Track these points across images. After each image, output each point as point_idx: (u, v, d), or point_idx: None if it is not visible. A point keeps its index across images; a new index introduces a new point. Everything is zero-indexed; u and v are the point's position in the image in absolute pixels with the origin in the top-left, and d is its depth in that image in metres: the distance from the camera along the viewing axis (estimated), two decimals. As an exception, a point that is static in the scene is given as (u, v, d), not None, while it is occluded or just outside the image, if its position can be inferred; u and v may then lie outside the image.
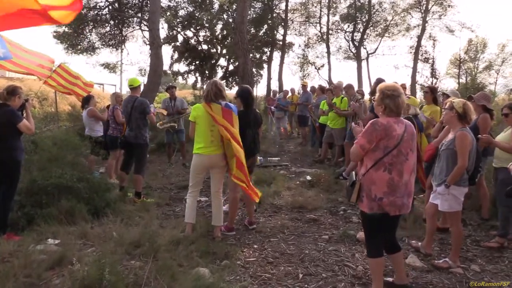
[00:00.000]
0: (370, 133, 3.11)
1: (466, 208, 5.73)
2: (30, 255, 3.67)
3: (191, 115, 4.72)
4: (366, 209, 3.20)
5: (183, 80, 24.65)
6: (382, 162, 3.10)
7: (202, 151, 4.63)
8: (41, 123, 11.95)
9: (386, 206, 3.12)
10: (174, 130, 9.13)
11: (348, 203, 6.24)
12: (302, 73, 28.81)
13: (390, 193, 3.11)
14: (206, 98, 4.61)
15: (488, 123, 5.13)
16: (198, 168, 4.73)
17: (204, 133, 4.60)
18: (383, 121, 3.14)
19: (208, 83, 4.80)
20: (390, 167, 3.10)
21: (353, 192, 3.24)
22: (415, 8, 26.08)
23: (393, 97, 3.14)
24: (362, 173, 3.20)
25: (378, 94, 3.24)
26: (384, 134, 3.08)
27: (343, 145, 8.60)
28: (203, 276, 3.44)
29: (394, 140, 3.09)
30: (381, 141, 3.09)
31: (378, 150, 3.11)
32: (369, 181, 3.15)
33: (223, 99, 4.63)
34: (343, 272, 3.90)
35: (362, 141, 3.15)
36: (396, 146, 3.09)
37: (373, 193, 3.13)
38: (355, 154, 3.25)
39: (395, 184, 3.11)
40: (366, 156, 3.19)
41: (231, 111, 4.53)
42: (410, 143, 3.19)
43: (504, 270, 4.03)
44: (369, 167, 3.15)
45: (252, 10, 23.58)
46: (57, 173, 5.33)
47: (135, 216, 5.30)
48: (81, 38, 19.95)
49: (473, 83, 21.01)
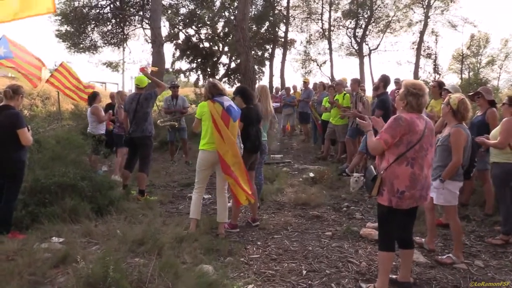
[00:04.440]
0: (394, 128, 3.17)
1: (469, 203, 5.74)
2: (34, 253, 3.69)
3: (197, 112, 4.81)
4: (386, 203, 3.23)
5: (185, 78, 24.59)
6: (405, 156, 3.16)
7: (206, 147, 4.68)
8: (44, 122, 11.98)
9: (407, 199, 3.18)
10: (174, 129, 9.14)
11: (351, 199, 6.26)
12: (304, 70, 28.71)
13: (411, 187, 3.17)
14: (206, 97, 4.76)
15: (496, 117, 5.16)
16: (203, 164, 4.77)
17: (209, 130, 4.64)
18: (406, 116, 3.20)
19: (205, 85, 4.96)
20: (413, 161, 3.16)
21: (374, 186, 3.27)
22: (417, 4, 25.85)
23: (417, 96, 3.23)
24: (384, 167, 3.24)
25: (403, 90, 3.32)
26: (408, 130, 3.14)
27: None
28: (206, 273, 3.44)
29: (417, 135, 3.16)
30: (404, 136, 3.15)
31: (401, 145, 3.17)
32: (392, 175, 3.19)
33: (221, 92, 4.73)
34: (347, 268, 3.91)
35: (386, 136, 3.19)
36: (419, 141, 3.16)
37: (396, 187, 3.18)
38: (376, 148, 3.28)
39: (416, 178, 3.18)
40: (388, 151, 3.24)
41: (228, 117, 4.54)
42: (430, 138, 3.28)
43: (508, 266, 4.03)
44: (391, 161, 3.20)
45: (254, 7, 23.47)
46: (60, 171, 5.35)
47: (138, 214, 5.32)
48: (83, 36, 19.94)
49: (476, 78, 20.88)
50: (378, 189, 3.25)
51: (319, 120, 10.32)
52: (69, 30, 19.29)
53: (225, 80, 23.31)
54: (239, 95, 5.05)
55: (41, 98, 17.00)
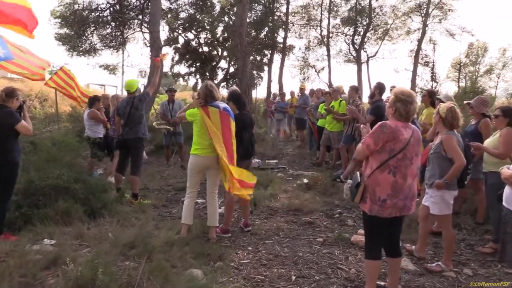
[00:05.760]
0: (378, 134, 3.19)
1: (461, 212, 5.77)
2: (26, 255, 3.69)
3: (189, 112, 4.78)
4: (367, 210, 3.25)
5: (184, 82, 24.71)
6: (387, 164, 3.17)
7: (198, 152, 4.70)
8: (41, 124, 12.02)
9: (388, 208, 3.18)
10: (170, 133, 9.16)
11: (344, 206, 6.29)
12: (302, 76, 28.82)
13: (393, 195, 3.17)
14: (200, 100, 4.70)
15: (489, 127, 5.18)
16: (194, 168, 4.78)
17: (202, 135, 4.67)
18: (391, 124, 3.21)
19: (200, 87, 4.86)
20: (395, 169, 3.17)
21: (357, 193, 3.29)
22: (415, 12, 26.07)
23: (405, 103, 3.23)
24: (367, 174, 3.26)
25: (392, 97, 3.34)
26: (392, 137, 3.16)
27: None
28: (196, 278, 3.47)
29: (400, 143, 3.16)
30: (387, 143, 3.16)
31: (384, 152, 3.18)
32: (374, 182, 3.21)
33: (215, 99, 4.68)
34: (336, 274, 3.93)
35: (369, 141, 3.22)
36: (402, 150, 3.16)
37: (377, 195, 3.19)
38: (359, 152, 3.34)
39: (398, 187, 3.18)
40: (372, 157, 3.26)
41: (228, 116, 4.58)
42: (416, 147, 3.26)
43: (496, 274, 4.06)
44: (374, 168, 3.21)
45: (253, 12, 23.65)
46: (54, 174, 5.36)
47: (131, 217, 5.34)
48: (82, 39, 20.02)
49: (473, 87, 20.98)
50: (362, 196, 3.27)
51: (316, 124, 10.35)
52: (68, 33, 19.37)
53: (224, 84, 23.43)
54: (232, 101, 5.08)
55: (39, 99, 17.01)
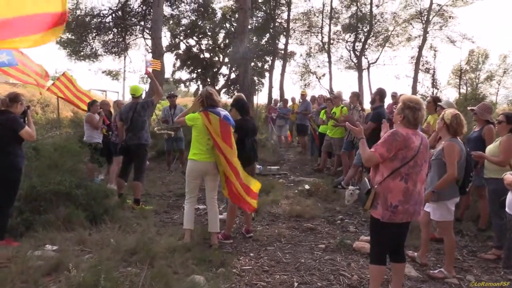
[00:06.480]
0: (391, 142, 3.19)
1: (463, 218, 5.76)
2: (27, 261, 3.68)
3: (188, 117, 4.75)
4: (379, 216, 3.25)
5: (185, 88, 24.80)
6: (399, 172, 3.18)
7: (196, 157, 4.70)
8: (43, 130, 12.02)
9: (400, 213, 3.20)
10: (171, 138, 9.19)
11: (346, 212, 6.28)
12: (303, 82, 28.88)
13: (404, 201, 3.19)
14: (202, 106, 4.70)
15: (493, 134, 5.19)
16: (192, 174, 4.79)
17: (200, 140, 4.67)
18: (402, 131, 3.22)
19: (200, 92, 4.90)
20: (407, 177, 3.19)
21: (368, 200, 3.29)
22: (416, 19, 26.18)
23: (414, 110, 3.25)
24: (378, 181, 3.27)
25: (400, 104, 3.36)
26: (404, 145, 3.17)
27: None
28: (198, 284, 3.46)
29: (412, 151, 3.18)
30: (400, 151, 3.17)
31: (396, 160, 3.19)
32: (385, 189, 3.22)
33: (215, 104, 4.68)
34: (338, 281, 3.92)
35: (382, 149, 3.21)
36: (413, 158, 3.18)
37: (389, 201, 3.20)
38: (371, 160, 3.30)
39: (409, 193, 3.20)
40: (383, 165, 3.26)
41: (228, 125, 4.57)
42: (425, 154, 3.30)
43: (499, 281, 4.05)
44: (385, 175, 3.22)
45: (254, 19, 23.74)
46: (56, 179, 5.36)
47: (133, 223, 5.32)
48: (84, 44, 20.12)
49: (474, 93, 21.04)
50: (372, 202, 3.28)
51: (317, 131, 10.37)
52: (70, 38, 19.47)
53: (225, 90, 23.47)
54: (235, 106, 5.09)
55: (41, 105, 17.05)
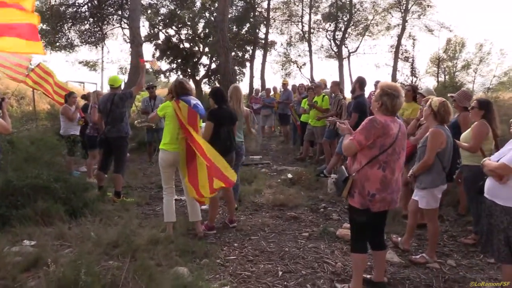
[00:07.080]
0: (369, 129, 3.15)
1: (443, 204, 5.85)
2: (5, 257, 3.58)
3: (160, 109, 4.81)
4: (357, 205, 3.24)
5: (165, 79, 24.37)
6: (377, 160, 3.16)
7: (166, 147, 4.71)
8: (18, 123, 11.72)
9: (377, 202, 3.18)
10: (151, 130, 9.07)
11: (329, 200, 6.31)
12: (284, 71, 28.84)
13: (382, 190, 3.17)
14: (172, 96, 4.77)
15: (468, 120, 5.25)
16: (163, 163, 4.79)
17: (171, 130, 4.69)
18: (380, 119, 3.18)
19: (172, 82, 4.96)
20: (385, 165, 3.16)
21: (345, 188, 3.26)
22: (395, 8, 26.32)
23: (392, 96, 3.21)
24: (356, 169, 3.23)
25: (378, 91, 3.31)
26: (382, 133, 3.13)
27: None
28: (181, 275, 3.42)
29: (390, 138, 3.16)
30: (378, 138, 3.14)
31: (374, 147, 3.16)
32: (363, 177, 3.19)
33: (188, 92, 4.72)
34: (322, 268, 3.94)
35: (360, 137, 3.17)
36: (392, 145, 3.16)
37: (366, 190, 3.18)
38: (350, 149, 3.26)
39: (387, 182, 3.18)
40: (361, 153, 3.22)
41: (196, 114, 4.58)
42: (403, 142, 3.28)
43: (478, 265, 4.13)
44: (363, 163, 3.19)
45: (234, 8, 23.50)
46: (33, 173, 5.22)
47: (114, 216, 5.24)
48: (59, 35, 19.55)
49: (452, 81, 21.37)
50: (349, 190, 3.27)
51: (298, 121, 10.38)
52: (44, 28, 18.88)
53: (205, 81, 23.25)
54: (211, 96, 5.10)
55: (16, 97, 16.57)
